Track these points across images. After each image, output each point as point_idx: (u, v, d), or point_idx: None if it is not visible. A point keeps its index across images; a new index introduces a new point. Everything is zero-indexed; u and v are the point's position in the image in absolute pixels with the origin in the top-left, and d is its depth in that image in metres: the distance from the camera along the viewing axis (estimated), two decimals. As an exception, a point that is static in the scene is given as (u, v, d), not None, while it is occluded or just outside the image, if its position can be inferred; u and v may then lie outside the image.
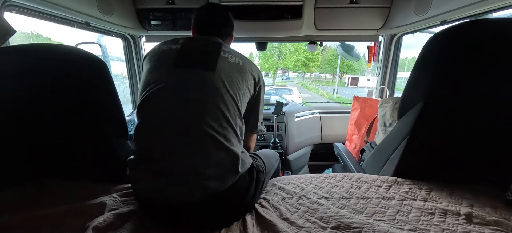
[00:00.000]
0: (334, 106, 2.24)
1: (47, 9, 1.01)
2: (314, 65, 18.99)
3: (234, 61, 0.70)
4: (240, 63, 0.71)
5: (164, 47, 0.71)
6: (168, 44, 0.71)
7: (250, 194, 0.67)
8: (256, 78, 0.76)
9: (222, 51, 0.69)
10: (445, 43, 0.70)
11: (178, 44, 0.70)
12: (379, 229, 0.54)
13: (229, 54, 0.71)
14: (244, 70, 0.71)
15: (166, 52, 0.69)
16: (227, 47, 0.73)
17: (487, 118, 0.69)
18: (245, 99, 0.71)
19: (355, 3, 1.38)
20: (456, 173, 0.76)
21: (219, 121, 0.61)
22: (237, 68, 0.69)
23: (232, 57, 0.71)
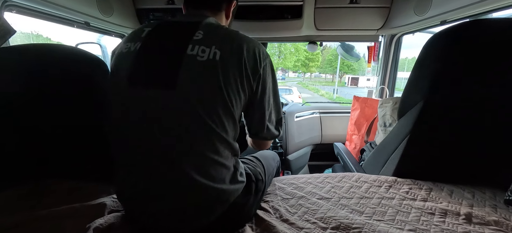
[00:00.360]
0: (334, 106, 2.24)
1: (47, 9, 1.01)
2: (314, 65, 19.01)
3: (207, 57, 0.50)
4: (217, 57, 0.50)
5: (124, 48, 0.56)
6: (130, 40, 0.57)
7: (248, 206, 0.61)
8: (252, 65, 0.55)
9: (190, 45, 0.51)
10: (445, 43, 0.70)
11: (138, 41, 0.55)
12: (379, 230, 0.54)
13: (201, 46, 0.51)
14: (227, 65, 0.51)
15: (124, 57, 0.55)
16: (203, 31, 0.54)
17: (487, 117, 0.69)
18: (236, 104, 0.54)
19: (355, 3, 1.38)
20: (456, 173, 0.76)
21: (197, 157, 0.51)
22: (212, 68, 0.50)
23: (205, 49, 0.51)
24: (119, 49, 0.58)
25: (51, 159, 0.73)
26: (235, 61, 0.53)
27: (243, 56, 0.54)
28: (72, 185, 0.71)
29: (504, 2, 0.89)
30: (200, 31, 0.54)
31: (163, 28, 0.57)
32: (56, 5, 0.98)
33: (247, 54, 0.54)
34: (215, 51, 0.51)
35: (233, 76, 0.52)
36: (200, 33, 0.54)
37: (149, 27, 0.58)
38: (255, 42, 0.58)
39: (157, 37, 0.56)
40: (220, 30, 0.56)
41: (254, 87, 0.57)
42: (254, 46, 0.57)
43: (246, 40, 0.57)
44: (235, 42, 0.54)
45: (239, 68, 0.53)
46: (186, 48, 0.51)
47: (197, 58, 0.50)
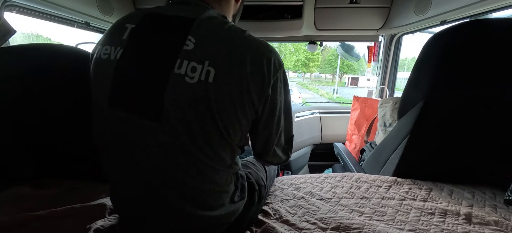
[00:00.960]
0: (334, 106, 2.24)
1: (47, 9, 1.01)
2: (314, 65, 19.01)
3: (198, 78, 0.38)
4: (210, 78, 0.38)
5: (103, 53, 0.46)
6: (110, 42, 0.46)
7: (251, 214, 0.59)
8: (258, 86, 0.42)
9: (178, 60, 0.39)
10: (445, 43, 0.70)
11: (119, 47, 0.44)
12: (379, 230, 0.54)
13: (191, 61, 0.39)
14: (223, 88, 0.39)
15: (103, 67, 0.45)
16: (195, 37, 0.41)
17: (487, 117, 0.69)
18: (235, 133, 0.44)
19: (355, 3, 1.38)
20: (456, 173, 0.77)
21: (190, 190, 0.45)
22: (203, 95, 0.39)
23: (196, 67, 0.39)
24: (97, 53, 0.47)
25: (51, 159, 0.73)
26: (233, 81, 0.40)
27: (245, 74, 0.40)
28: (72, 185, 0.71)
29: (504, 2, 0.89)
30: (191, 36, 0.41)
31: (148, 27, 0.45)
32: (56, 5, 0.98)
33: (251, 69, 0.41)
34: (208, 69, 0.39)
35: (230, 101, 0.40)
36: (191, 40, 0.40)
37: (132, 23, 0.45)
38: (263, 49, 0.43)
39: (141, 42, 0.44)
40: (218, 32, 0.42)
41: (259, 111, 0.45)
42: (262, 56, 0.42)
43: (251, 48, 0.42)
44: (234, 52, 0.40)
45: (240, 90, 0.41)
46: (173, 63, 0.39)
47: (186, 80, 0.39)
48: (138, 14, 0.48)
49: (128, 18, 0.48)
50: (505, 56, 0.64)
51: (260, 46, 0.43)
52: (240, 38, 0.42)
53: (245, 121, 0.44)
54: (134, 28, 0.45)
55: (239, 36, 0.43)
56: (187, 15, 0.45)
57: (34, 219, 0.55)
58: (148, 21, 0.46)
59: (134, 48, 0.44)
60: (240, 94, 0.41)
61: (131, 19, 0.47)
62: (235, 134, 0.44)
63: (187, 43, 0.41)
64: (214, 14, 0.47)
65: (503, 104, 0.67)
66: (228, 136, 0.43)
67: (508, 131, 0.68)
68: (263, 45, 0.44)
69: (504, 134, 0.69)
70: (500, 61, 0.65)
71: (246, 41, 0.42)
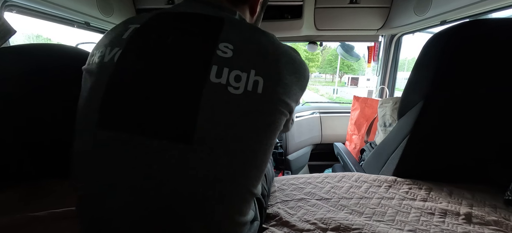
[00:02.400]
0: (334, 106, 2.24)
1: (47, 9, 1.01)
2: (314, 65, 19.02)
3: (244, 88, 0.32)
4: (259, 89, 0.33)
5: (96, 57, 0.37)
6: (106, 43, 0.37)
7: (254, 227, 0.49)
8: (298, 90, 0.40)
9: (214, 67, 0.32)
10: (445, 43, 0.70)
11: (117, 47, 0.35)
12: (379, 230, 0.54)
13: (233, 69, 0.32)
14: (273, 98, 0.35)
15: (95, 71, 0.36)
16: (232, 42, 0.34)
17: (487, 117, 0.69)
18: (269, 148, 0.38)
19: (355, 3, 1.38)
20: (456, 173, 0.77)
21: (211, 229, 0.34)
22: (251, 106, 0.33)
23: (241, 75, 0.32)
24: (91, 60, 0.39)
25: (51, 159, 0.73)
26: (283, 91, 0.36)
27: (291, 83, 0.37)
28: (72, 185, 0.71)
29: (504, 2, 0.89)
30: (227, 40, 0.34)
31: (161, 25, 0.36)
32: (56, 5, 0.98)
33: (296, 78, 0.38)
34: (256, 78, 0.33)
35: (278, 113, 0.36)
36: (228, 46, 0.33)
37: (137, 23, 0.37)
38: (298, 55, 0.41)
39: (150, 42, 0.35)
40: (258, 38, 0.36)
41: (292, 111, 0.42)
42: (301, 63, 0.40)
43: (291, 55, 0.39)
44: (281, 60, 0.36)
45: (286, 101, 0.37)
46: (208, 70, 0.32)
47: (229, 90, 0.32)
48: (144, 15, 0.39)
49: (131, 19, 0.39)
50: (505, 56, 0.64)
51: (295, 52, 0.40)
52: (279, 45, 0.38)
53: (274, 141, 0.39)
54: (138, 28, 0.36)
55: (278, 42, 0.38)
56: (212, 13, 0.38)
57: (34, 220, 0.55)
58: (159, 19, 0.37)
59: (140, 50, 0.34)
60: (284, 104, 0.37)
61: (136, 19, 0.39)
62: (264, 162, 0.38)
63: (223, 49, 0.33)
64: (237, 16, 0.42)
65: (503, 104, 0.67)
66: (269, 152, 0.37)
67: (508, 131, 0.68)
68: (295, 51, 0.41)
69: (504, 133, 0.69)
70: (500, 61, 0.65)
71: (285, 48, 0.39)
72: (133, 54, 0.34)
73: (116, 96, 0.33)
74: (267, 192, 0.65)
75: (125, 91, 0.33)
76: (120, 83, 0.33)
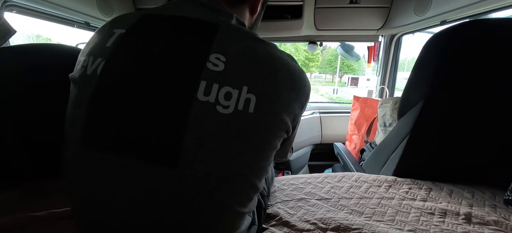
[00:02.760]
0: (334, 106, 2.25)
1: (47, 9, 1.01)
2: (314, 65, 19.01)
3: (234, 108, 0.29)
4: (250, 108, 0.30)
5: (80, 66, 0.35)
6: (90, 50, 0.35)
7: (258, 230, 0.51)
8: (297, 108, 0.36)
9: (202, 82, 0.29)
10: (445, 43, 0.70)
11: (100, 57, 0.32)
12: (379, 230, 0.54)
13: (223, 85, 0.30)
14: (266, 119, 0.32)
15: (78, 83, 0.33)
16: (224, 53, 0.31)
17: (487, 117, 0.69)
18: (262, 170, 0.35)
19: (355, 3, 1.38)
20: (456, 173, 0.77)
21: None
22: (241, 126, 0.30)
23: (231, 92, 0.30)
24: (76, 64, 0.37)
25: (51, 159, 0.74)
26: (277, 110, 0.32)
27: (287, 100, 0.34)
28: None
29: (504, 2, 0.89)
30: (219, 51, 0.31)
31: (147, 32, 0.33)
32: (56, 5, 0.98)
33: (294, 95, 0.35)
34: (248, 96, 0.30)
35: (271, 134, 0.33)
36: (219, 58, 0.30)
37: (122, 27, 0.33)
38: (298, 68, 0.37)
39: (135, 51, 0.31)
40: (255, 49, 0.33)
41: (290, 132, 0.38)
42: (300, 78, 0.36)
43: (290, 69, 0.35)
44: (278, 75, 0.33)
45: (282, 120, 0.33)
46: (195, 86, 0.29)
47: (217, 110, 0.29)
48: (131, 17, 0.35)
49: (117, 21, 0.36)
50: (505, 56, 0.64)
51: (295, 64, 0.37)
52: (278, 57, 0.34)
53: (276, 149, 0.36)
54: (123, 34, 0.33)
55: (277, 54, 0.34)
56: (206, 18, 0.34)
57: (33, 220, 0.55)
58: (146, 24, 0.34)
59: (124, 62, 0.31)
60: (281, 123, 0.33)
61: (121, 22, 0.35)
62: (269, 165, 0.37)
63: (213, 61, 0.30)
64: (236, 23, 0.37)
65: (503, 104, 0.67)
66: (264, 172, 0.35)
67: (508, 131, 0.68)
68: (295, 62, 0.37)
69: (504, 133, 0.69)
70: (500, 61, 0.65)
71: (284, 60, 0.35)
72: (116, 66, 0.31)
73: (99, 113, 0.30)
74: (267, 192, 0.65)
75: (108, 109, 0.30)
76: (104, 99, 0.31)
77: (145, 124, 0.29)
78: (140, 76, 0.30)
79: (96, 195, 0.31)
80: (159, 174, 0.29)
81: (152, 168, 0.29)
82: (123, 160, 0.30)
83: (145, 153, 0.29)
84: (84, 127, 0.31)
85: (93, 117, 0.31)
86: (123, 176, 0.30)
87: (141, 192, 0.29)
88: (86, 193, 0.32)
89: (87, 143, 0.31)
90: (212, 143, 0.29)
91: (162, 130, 0.29)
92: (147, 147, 0.29)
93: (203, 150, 0.29)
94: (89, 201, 0.32)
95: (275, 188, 0.77)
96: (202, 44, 0.31)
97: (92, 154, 0.31)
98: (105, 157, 0.30)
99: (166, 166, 0.29)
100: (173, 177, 0.29)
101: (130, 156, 0.29)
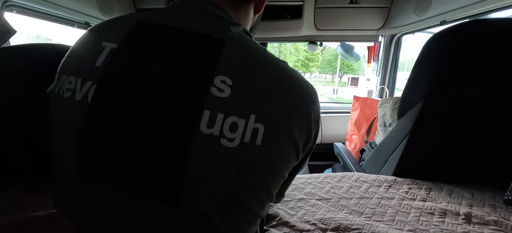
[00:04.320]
0: (334, 106, 2.25)
1: (48, 9, 1.01)
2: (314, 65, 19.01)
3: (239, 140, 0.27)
4: (258, 140, 0.27)
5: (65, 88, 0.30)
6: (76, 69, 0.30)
7: None
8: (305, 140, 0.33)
9: (206, 112, 0.26)
10: (445, 43, 0.70)
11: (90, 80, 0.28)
12: (379, 230, 0.54)
13: (229, 114, 0.27)
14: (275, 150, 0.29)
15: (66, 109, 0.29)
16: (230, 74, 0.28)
17: (487, 118, 0.69)
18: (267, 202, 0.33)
19: (355, 3, 1.38)
20: (456, 173, 0.77)
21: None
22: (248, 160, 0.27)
23: (237, 122, 0.27)
24: (59, 86, 0.31)
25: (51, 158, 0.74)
26: (285, 139, 0.29)
27: (301, 128, 0.31)
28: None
29: (504, 2, 0.89)
30: (224, 74, 0.27)
31: (142, 49, 0.29)
32: (56, 5, 0.98)
33: (303, 121, 0.31)
34: (256, 126, 0.27)
35: (278, 165, 0.30)
36: (225, 81, 0.27)
37: (113, 41, 0.29)
38: (310, 90, 0.33)
39: (130, 75, 0.28)
40: (264, 68, 0.30)
41: (300, 158, 0.35)
42: (314, 101, 0.33)
43: (301, 91, 0.32)
44: (288, 99, 0.30)
45: (292, 149, 0.31)
46: (198, 117, 0.26)
47: (222, 144, 0.26)
48: (122, 24, 0.31)
49: (105, 29, 0.31)
50: (505, 56, 0.64)
51: (309, 88, 0.33)
52: (290, 79, 0.31)
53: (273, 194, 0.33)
54: (115, 50, 0.28)
55: (289, 74, 0.31)
56: (209, 31, 0.30)
57: (34, 220, 0.55)
58: (140, 36, 0.29)
59: (118, 86, 0.27)
60: (291, 154, 0.31)
61: (110, 32, 0.31)
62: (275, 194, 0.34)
63: (219, 86, 0.26)
64: (243, 32, 0.33)
65: (503, 105, 0.67)
66: (271, 199, 0.33)
67: (507, 131, 0.68)
68: (309, 85, 0.33)
69: (503, 134, 0.69)
70: (500, 61, 0.65)
71: (296, 82, 0.31)
72: (110, 91, 0.27)
73: (95, 145, 0.27)
74: None
75: (103, 142, 0.27)
76: (98, 131, 0.27)
77: (144, 159, 0.27)
78: (137, 103, 0.27)
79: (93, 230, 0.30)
80: (161, 211, 0.27)
81: (153, 205, 0.27)
82: (122, 196, 0.27)
83: (146, 190, 0.27)
84: (77, 161, 0.28)
85: (87, 151, 0.28)
86: (122, 213, 0.28)
87: (142, 229, 0.28)
88: (83, 226, 0.31)
89: (81, 177, 0.28)
90: (216, 179, 0.27)
91: (162, 165, 0.26)
92: (147, 183, 0.27)
93: (206, 186, 0.27)
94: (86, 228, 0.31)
95: (275, 188, 0.76)
96: (206, 64, 0.28)
97: (88, 189, 0.28)
98: (103, 193, 0.28)
99: (168, 203, 0.27)
100: (175, 214, 0.27)
101: (130, 193, 0.27)
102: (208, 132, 0.26)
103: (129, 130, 0.27)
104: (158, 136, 0.26)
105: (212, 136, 0.26)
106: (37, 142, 0.71)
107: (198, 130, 0.26)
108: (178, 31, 0.30)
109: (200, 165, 0.26)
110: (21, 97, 0.68)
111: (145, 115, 0.26)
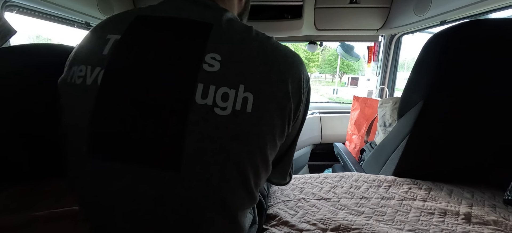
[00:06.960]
0: (334, 106, 2.25)
1: (48, 9, 1.01)
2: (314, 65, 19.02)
3: (232, 108, 0.29)
4: (248, 107, 0.30)
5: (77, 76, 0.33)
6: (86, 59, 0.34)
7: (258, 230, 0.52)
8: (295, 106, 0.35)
9: (200, 85, 0.29)
10: (445, 43, 0.70)
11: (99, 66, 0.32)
12: (379, 230, 0.55)
13: (220, 86, 0.30)
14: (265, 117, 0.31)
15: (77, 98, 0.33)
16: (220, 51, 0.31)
17: (487, 118, 0.69)
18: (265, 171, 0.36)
19: (355, 3, 1.38)
20: (456, 173, 0.77)
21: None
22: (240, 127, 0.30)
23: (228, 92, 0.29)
24: (70, 75, 0.35)
25: (51, 158, 0.74)
26: (275, 107, 0.32)
27: (287, 96, 0.33)
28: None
29: (504, 2, 0.89)
30: (214, 50, 0.31)
31: (141, 37, 0.33)
32: (56, 5, 0.98)
33: (292, 89, 0.33)
34: (245, 95, 0.30)
35: (271, 132, 0.32)
36: (215, 57, 0.30)
37: (116, 32, 0.33)
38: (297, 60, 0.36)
39: (132, 59, 0.31)
40: (250, 44, 0.33)
41: (288, 132, 0.37)
42: (300, 70, 0.35)
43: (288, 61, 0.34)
44: (274, 69, 0.32)
45: (281, 116, 0.33)
46: (193, 90, 0.29)
47: (216, 112, 0.29)
48: (123, 19, 0.35)
49: (109, 25, 0.36)
50: (505, 56, 0.64)
51: (294, 57, 0.35)
52: (274, 50, 0.34)
53: (276, 150, 0.36)
54: (119, 41, 0.32)
55: (272, 46, 0.34)
56: (198, 17, 0.34)
57: (34, 220, 0.56)
58: (139, 28, 0.33)
59: (123, 69, 0.31)
60: (281, 121, 0.33)
61: (113, 26, 0.35)
62: (269, 169, 0.36)
63: (209, 62, 0.30)
64: (230, 16, 0.36)
65: (503, 105, 0.67)
66: (266, 174, 0.36)
67: (507, 131, 0.68)
68: (295, 55, 0.36)
69: (503, 134, 0.69)
70: (500, 61, 0.65)
71: (281, 53, 0.34)
72: (116, 75, 0.31)
73: (104, 124, 0.31)
74: (267, 192, 0.65)
75: (112, 119, 0.31)
76: (107, 109, 0.31)
77: (148, 131, 0.30)
78: (139, 84, 0.31)
79: (106, 203, 0.33)
80: (165, 178, 0.30)
81: (158, 174, 0.30)
82: (130, 167, 0.30)
83: (151, 160, 0.30)
84: (89, 138, 0.31)
85: (97, 128, 0.31)
86: (132, 183, 0.31)
87: (149, 197, 0.31)
88: (97, 201, 0.34)
89: (93, 154, 0.31)
90: (212, 145, 0.30)
91: (164, 136, 0.29)
92: (152, 153, 0.30)
93: (204, 153, 0.30)
94: (101, 210, 0.34)
95: (275, 188, 0.77)
96: (197, 45, 0.31)
97: (100, 164, 0.32)
98: (113, 166, 0.31)
99: (171, 171, 0.30)
100: (177, 181, 0.30)
101: (137, 164, 0.30)
102: (203, 102, 0.29)
103: (134, 108, 0.30)
104: (159, 111, 0.30)
105: (206, 106, 0.29)
106: (37, 143, 0.71)
107: (194, 102, 0.29)
108: (171, 20, 0.34)
109: (197, 134, 0.29)
110: (21, 97, 0.68)
111: (147, 94, 0.30)
